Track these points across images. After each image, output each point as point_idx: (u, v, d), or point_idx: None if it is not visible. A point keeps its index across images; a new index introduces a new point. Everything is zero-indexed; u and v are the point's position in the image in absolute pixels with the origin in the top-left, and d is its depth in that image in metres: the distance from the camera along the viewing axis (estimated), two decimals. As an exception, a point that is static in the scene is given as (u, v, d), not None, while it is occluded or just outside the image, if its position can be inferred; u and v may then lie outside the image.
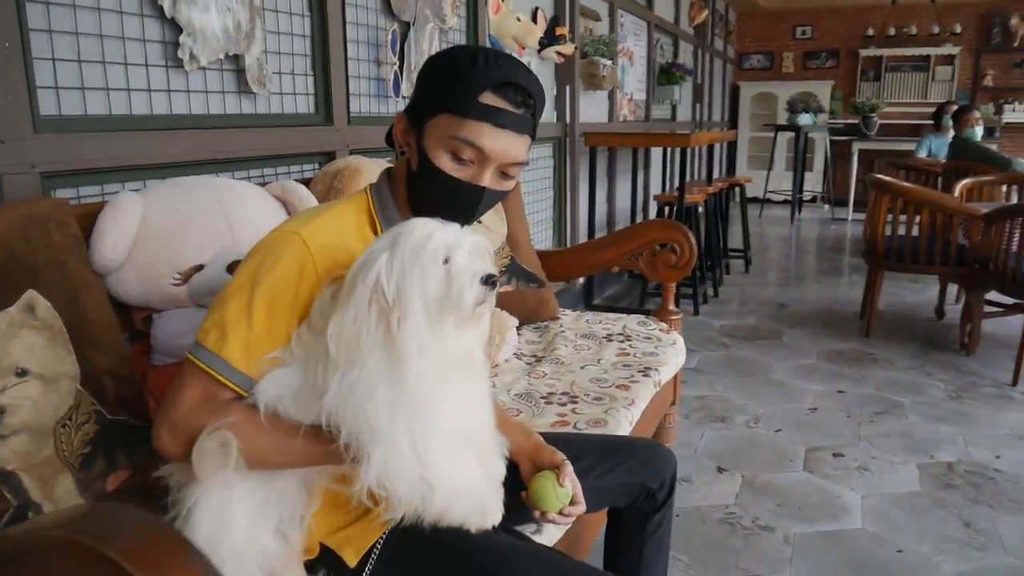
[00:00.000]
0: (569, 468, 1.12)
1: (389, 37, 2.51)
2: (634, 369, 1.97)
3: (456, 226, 0.95)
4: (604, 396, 1.79)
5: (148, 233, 1.34)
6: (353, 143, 2.41)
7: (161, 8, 1.71)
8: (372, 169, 1.89)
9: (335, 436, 0.90)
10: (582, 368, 1.99)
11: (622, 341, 2.20)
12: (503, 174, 1.08)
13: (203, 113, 1.89)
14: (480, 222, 2.34)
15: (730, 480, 2.37)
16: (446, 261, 0.91)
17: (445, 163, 1.04)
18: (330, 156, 2.27)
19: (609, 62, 4.39)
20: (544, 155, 4.02)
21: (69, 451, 1.15)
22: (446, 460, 0.92)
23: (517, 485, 1.14)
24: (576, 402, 1.76)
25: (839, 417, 2.88)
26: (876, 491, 2.30)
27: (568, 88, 4.09)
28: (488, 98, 1.02)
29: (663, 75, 5.82)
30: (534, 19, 3.57)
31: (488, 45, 3.26)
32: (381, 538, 1.04)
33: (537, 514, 1.11)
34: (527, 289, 2.35)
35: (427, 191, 1.07)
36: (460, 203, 1.07)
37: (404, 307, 0.88)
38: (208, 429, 0.91)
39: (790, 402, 3.03)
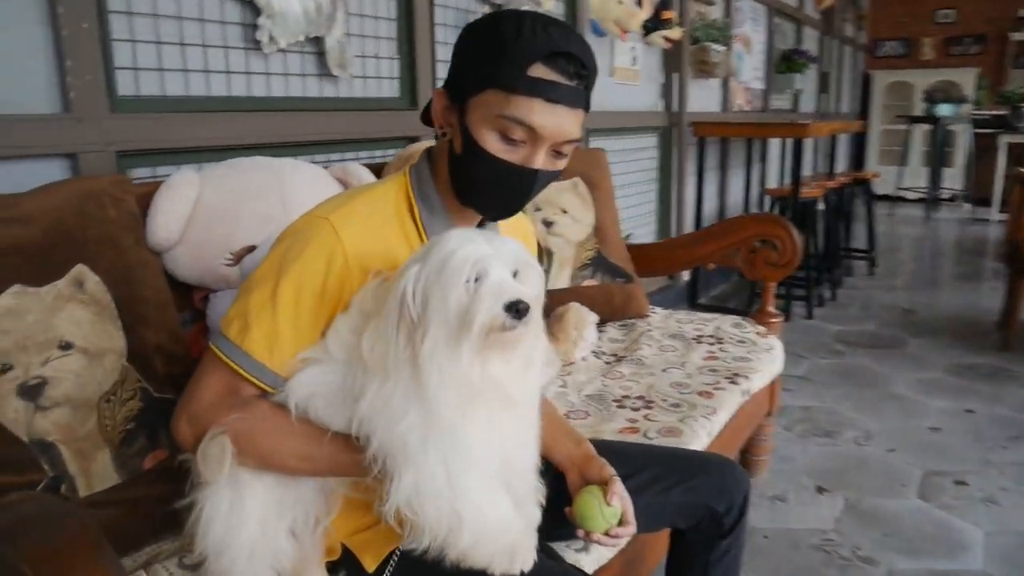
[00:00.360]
0: (619, 485, 1.00)
1: (479, 20, 2.43)
2: (721, 375, 1.80)
3: (500, 240, 0.85)
4: (682, 403, 1.64)
5: (202, 213, 1.32)
6: (439, 128, 2.35)
7: (240, -11, 1.71)
8: (446, 153, 1.83)
9: (363, 446, 0.83)
10: (664, 371, 1.84)
11: (712, 344, 2.04)
12: (556, 153, 0.97)
13: (283, 95, 1.88)
14: (565, 212, 2.24)
15: (831, 502, 2.15)
16: (475, 279, 0.81)
17: (493, 144, 0.93)
18: (415, 141, 2.22)
19: (722, 48, 4.15)
20: (648, 145, 3.85)
21: (112, 426, 1.14)
22: (479, 493, 0.84)
23: (562, 498, 1.03)
24: (651, 407, 1.62)
25: (965, 439, 2.57)
26: (1004, 528, 2.02)
27: (676, 76, 3.89)
28: (538, 70, 0.90)
29: (783, 63, 5.47)
30: (639, 2, 3.41)
31: (588, 29, 3.14)
32: (400, 546, 0.96)
33: (581, 533, 1.00)
34: (613, 284, 2.22)
35: (472, 174, 0.97)
36: (511, 188, 0.97)
37: (425, 325, 0.80)
38: (211, 432, 0.86)
39: (909, 419, 2.74)
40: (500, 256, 0.82)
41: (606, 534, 0.99)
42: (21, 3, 1.36)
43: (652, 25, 3.51)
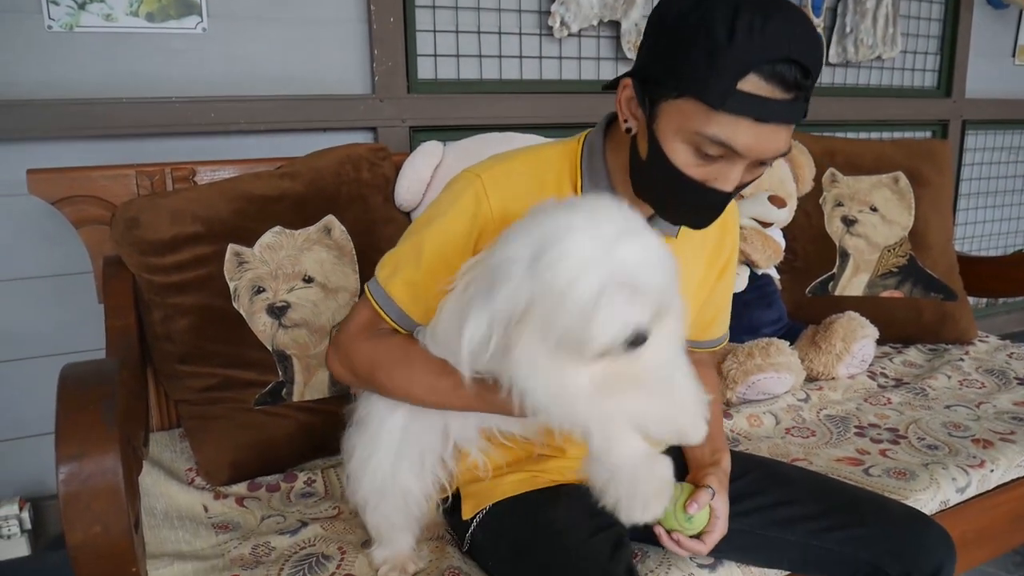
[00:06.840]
0: (705, 496, 0.89)
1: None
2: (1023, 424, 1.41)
3: (643, 238, 0.75)
4: (943, 446, 1.33)
5: (439, 178, 1.48)
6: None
7: (537, -22, 1.84)
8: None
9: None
10: (946, 407, 1.50)
11: (1041, 389, 1.59)
12: (760, 162, 0.84)
13: (574, 79, 1.98)
14: (875, 209, 1.94)
15: None
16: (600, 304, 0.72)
17: (682, 158, 0.83)
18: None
19: None
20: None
21: (339, 353, 1.37)
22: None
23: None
24: (897, 443, 1.35)
25: None
26: None
27: None
28: (750, 83, 0.76)
29: None
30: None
31: (982, 1, 2.59)
32: (491, 504, 0.98)
33: (658, 529, 0.91)
34: (925, 299, 1.86)
35: (657, 184, 0.88)
36: (698, 205, 0.87)
37: (522, 328, 0.75)
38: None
39: None
40: (635, 270, 0.72)
41: (670, 536, 0.90)
42: (346, 4, 1.68)
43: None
